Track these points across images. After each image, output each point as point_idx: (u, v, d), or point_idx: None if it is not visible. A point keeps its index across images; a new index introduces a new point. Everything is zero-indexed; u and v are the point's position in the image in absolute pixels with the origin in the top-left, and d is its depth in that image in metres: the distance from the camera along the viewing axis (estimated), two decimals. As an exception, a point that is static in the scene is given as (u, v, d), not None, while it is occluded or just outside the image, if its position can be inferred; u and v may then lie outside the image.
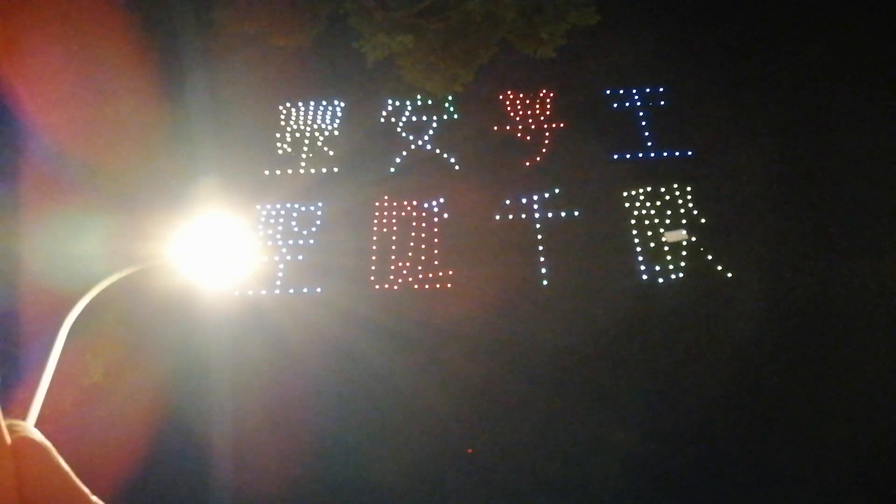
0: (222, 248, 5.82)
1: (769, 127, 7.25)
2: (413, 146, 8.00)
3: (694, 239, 7.05)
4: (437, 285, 7.03)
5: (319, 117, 8.24)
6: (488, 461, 6.51)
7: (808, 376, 6.43)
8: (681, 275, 6.96)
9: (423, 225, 7.39)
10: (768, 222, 7.12)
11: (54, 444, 0.61)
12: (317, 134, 8.13)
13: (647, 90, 8.11)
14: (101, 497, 0.58)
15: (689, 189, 7.34)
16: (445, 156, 7.90)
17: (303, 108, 8.30)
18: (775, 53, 7.74)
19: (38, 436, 0.61)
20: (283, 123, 8.21)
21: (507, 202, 7.49)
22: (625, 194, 7.43)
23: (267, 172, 7.86)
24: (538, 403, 6.64)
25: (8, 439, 0.59)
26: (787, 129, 7.25)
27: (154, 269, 5.87)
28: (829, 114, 7.38)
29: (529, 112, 8.12)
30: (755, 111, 7.37)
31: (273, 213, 7.51)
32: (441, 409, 6.53)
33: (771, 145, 7.19)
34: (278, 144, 8.06)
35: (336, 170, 7.88)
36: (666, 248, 7.07)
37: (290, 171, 7.87)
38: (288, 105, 8.31)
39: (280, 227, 7.42)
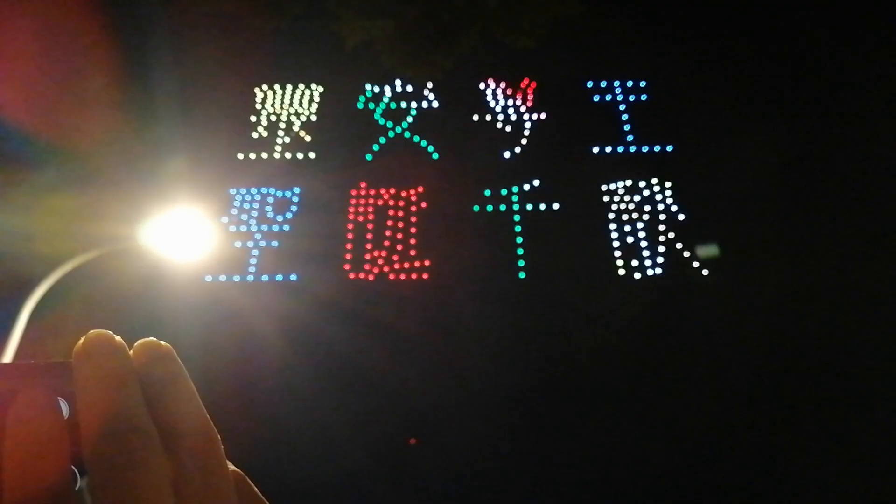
0: (193, 232, 5.67)
1: (752, 123, 7.25)
2: (391, 133, 7.87)
3: (672, 235, 7.05)
4: (414, 275, 6.92)
5: (296, 101, 8.06)
6: (460, 453, 6.44)
7: (787, 377, 6.45)
8: (658, 270, 6.95)
9: (401, 214, 7.28)
10: (748, 220, 7.12)
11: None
12: (293, 118, 7.95)
13: (630, 83, 8.07)
14: None
15: (668, 184, 7.32)
16: (424, 144, 7.80)
17: (279, 92, 8.12)
18: (761, 49, 7.75)
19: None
20: (258, 107, 8.02)
21: (486, 193, 7.41)
22: (604, 188, 7.40)
23: (241, 156, 7.67)
24: (513, 395, 6.56)
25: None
26: (771, 126, 7.25)
27: (121, 252, 5.71)
28: (817, 110, 7.41)
29: (510, 102, 8.05)
30: (738, 107, 7.37)
31: (247, 197, 7.34)
32: (414, 400, 6.45)
33: (754, 142, 7.16)
34: (253, 128, 7.87)
35: (312, 155, 7.73)
36: (644, 244, 7.06)
37: (264, 156, 7.69)
38: (263, 88, 8.12)
39: (254, 213, 7.24)
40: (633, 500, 6.25)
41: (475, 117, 7.95)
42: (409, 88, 8.05)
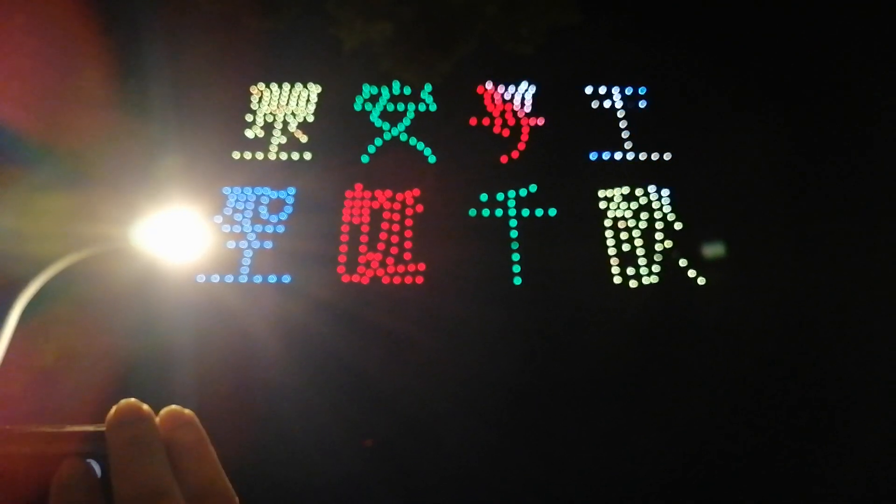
0: (186, 231, 5.60)
1: (751, 131, 7.25)
2: (388, 135, 7.83)
3: (669, 244, 7.02)
4: (408, 279, 6.88)
5: (292, 101, 8.02)
6: (455, 457, 6.41)
7: (784, 386, 6.43)
8: (654, 279, 6.92)
9: (396, 217, 7.23)
10: (744, 229, 7.11)
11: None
12: (289, 118, 7.91)
13: (629, 90, 8.05)
14: None
15: (665, 192, 7.30)
16: (421, 147, 7.76)
17: (275, 91, 8.07)
18: (760, 56, 7.75)
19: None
20: (253, 106, 7.97)
21: (483, 197, 7.37)
22: (601, 194, 7.37)
23: (236, 156, 7.62)
24: (507, 401, 6.53)
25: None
26: (770, 133, 7.25)
27: (112, 252, 5.64)
28: (817, 117, 7.42)
29: (507, 107, 8.02)
30: (737, 115, 7.36)
31: (241, 197, 7.28)
32: (407, 404, 6.41)
33: (753, 150, 7.15)
34: (248, 127, 7.82)
35: (308, 156, 7.68)
36: (640, 252, 7.03)
37: (259, 156, 7.64)
38: (260, 87, 8.07)
39: (248, 213, 7.19)
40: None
41: (472, 121, 7.92)
42: (407, 91, 8.01)
